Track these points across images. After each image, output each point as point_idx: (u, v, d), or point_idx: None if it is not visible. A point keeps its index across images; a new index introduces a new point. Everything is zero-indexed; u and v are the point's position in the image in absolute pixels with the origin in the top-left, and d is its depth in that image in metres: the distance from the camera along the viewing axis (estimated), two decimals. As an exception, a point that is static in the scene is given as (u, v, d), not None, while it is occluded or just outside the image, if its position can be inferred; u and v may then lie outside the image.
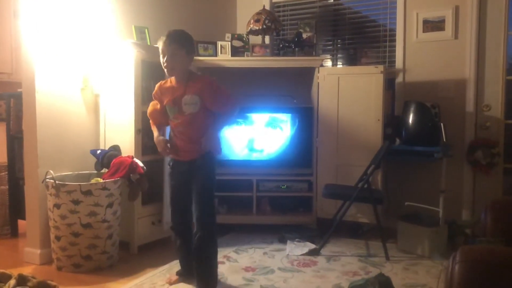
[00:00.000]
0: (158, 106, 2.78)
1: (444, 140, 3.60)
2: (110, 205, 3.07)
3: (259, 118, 4.08)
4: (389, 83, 4.20)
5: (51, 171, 3.04)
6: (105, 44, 3.55)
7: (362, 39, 4.62)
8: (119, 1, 3.73)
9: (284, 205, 4.14)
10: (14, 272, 2.51)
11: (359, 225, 3.98)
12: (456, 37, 4.01)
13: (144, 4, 3.97)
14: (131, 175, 3.22)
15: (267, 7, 4.71)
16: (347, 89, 3.95)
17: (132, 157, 3.29)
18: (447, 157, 3.60)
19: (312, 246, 3.51)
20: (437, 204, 3.53)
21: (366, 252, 3.52)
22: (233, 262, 3.25)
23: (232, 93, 2.77)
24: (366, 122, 3.90)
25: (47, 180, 3.04)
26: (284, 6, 4.97)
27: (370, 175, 3.52)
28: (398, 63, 4.29)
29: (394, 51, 4.35)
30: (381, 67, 3.88)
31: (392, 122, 4.09)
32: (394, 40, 4.34)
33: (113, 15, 3.69)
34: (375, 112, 3.87)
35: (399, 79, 4.28)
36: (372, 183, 3.66)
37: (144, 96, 3.49)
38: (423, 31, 4.14)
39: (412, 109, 3.87)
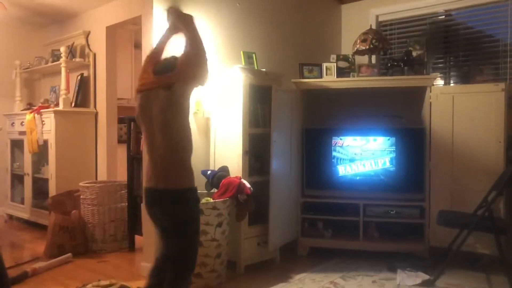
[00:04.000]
0: None
1: None
2: (219, 225, 3.16)
3: (367, 139, 3.96)
4: (511, 101, 3.85)
5: (166, 190, 3.21)
6: (216, 69, 3.71)
7: (478, 56, 4.33)
8: (229, 29, 3.90)
9: (393, 232, 3.93)
10: (133, 285, 2.66)
11: (478, 256, 3.64)
12: None
13: (252, 30, 4.10)
14: (238, 195, 3.29)
15: (374, 27, 4.62)
16: (463, 109, 3.69)
17: (240, 178, 3.37)
18: None
19: (426, 276, 3.28)
20: None
21: (487, 287, 3.21)
22: (340, 289, 3.15)
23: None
24: (485, 144, 3.60)
25: (163, 198, 3.21)
26: (391, 24, 4.84)
27: (492, 202, 3.22)
28: (521, 80, 3.93)
29: (515, 66, 4.00)
30: (502, 85, 3.58)
31: (516, 144, 3.73)
32: (516, 55, 4.00)
33: (223, 42, 3.86)
34: (496, 133, 3.56)
35: (523, 97, 3.90)
36: (494, 211, 3.34)
37: (251, 118, 3.58)
38: (551, 44, 3.76)
39: (540, 130, 3.50)
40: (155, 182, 2.16)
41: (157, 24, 3.39)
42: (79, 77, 5.02)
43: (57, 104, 4.95)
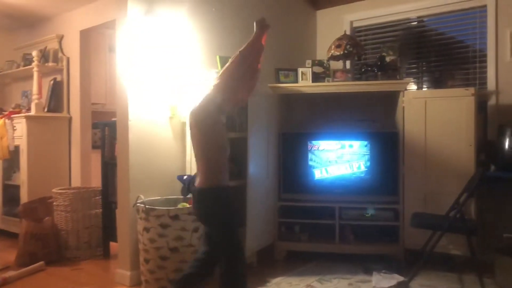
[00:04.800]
0: None
1: (548, 166, 3.30)
2: (195, 230, 3.14)
3: (342, 143, 4.00)
4: (481, 106, 3.95)
5: (142, 196, 3.19)
6: (192, 74, 3.71)
7: (449, 61, 4.43)
8: (204, 33, 3.90)
9: (368, 234, 3.98)
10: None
11: (451, 257, 3.72)
12: (556, 55, 3.71)
13: (228, 34, 4.11)
14: (215, 200, 3.27)
15: (348, 32, 4.69)
16: (435, 113, 3.77)
17: (217, 183, 3.35)
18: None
19: (400, 278, 3.33)
20: (542, 237, 3.22)
21: (460, 287, 3.27)
22: (317, 292, 3.16)
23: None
24: (457, 148, 3.68)
25: (138, 204, 3.19)
26: (365, 30, 4.92)
27: (463, 204, 3.29)
28: (490, 85, 4.05)
29: (485, 72, 4.12)
30: (472, 89, 3.67)
31: (485, 147, 3.83)
32: (484, 61, 4.13)
33: (200, 46, 3.86)
34: (467, 137, 3.65)
35: (492, 101, 4.02)
36: (465, 213, 3.42)
37: (228, 123, 3.56)
38: (518, 50, 3.88)
39: (508, 133, 3.61)
40: None
41: (131, 29, 3.36)
42: (52, 82, 4.93)
43: (29, 109, 4.84)
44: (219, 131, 2.57)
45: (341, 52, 4.11)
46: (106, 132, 4.12)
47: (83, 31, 4.76)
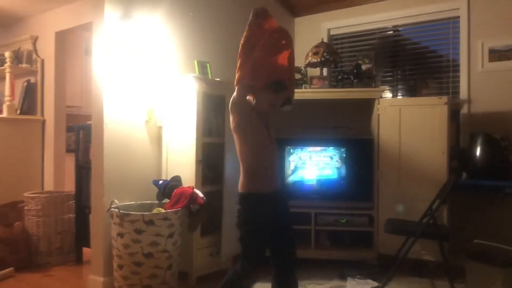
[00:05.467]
0: None
1: (517, 174, 3.39)
2: (170, 235, 3.11)
3: (318, 150, 4.03)
4: (453, 114, 4.04)
5: (116, 201, 3.14)
6: (168, 78, 3.69)
7: (423, 70, 4.53)
8: (182, 38, 3.89)
9: (343, 240, 4.02)
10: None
11: (424, 263, 3.78)
12: (526, 66, 3.82)
13: (206, 39, 4.11)
14: (191, 205, 3.26)
15: (325, 40, 4.74)
16: (409, 121, 3.84)
17: (193, 188, 3.34)
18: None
19: (374, 284, 3.37)
20: (510, 242, 3.29)
21: (432, 293, 3.33)
22: (292, 298, 3.16)
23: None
24: (430, 155, 3.75)
25: (112, 209, 3.14)
26: (342, 38, 4.98)
27: (436, 210, 3.36)
28: (463, 94, 4.14)
29: (458, 81, 4.22)
30: (445, 98, 3.75)
31: (458, 155, 3.92)
32: (457, 71, 4.22)
33: (177, 51, 3.84)
34: (440, 145, 3.73)
35: (464, 110, 4.12)
36: (438, 219, 3.47)
37: (205, 127, 3.57)
38: (490, 61, 3.99)
39: (479, 141, 3.70)
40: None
41: (108, 32, 3.33)
42: (25, 84, 4.82)
43: (0, 111, 4.73)
44: (250, 132, 2.36)
45: (318, 59, 4.16)
46: (81, 136, 4.05)
47: (58, 33, 4.69)
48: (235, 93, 2.40)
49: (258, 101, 2.38)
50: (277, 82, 2.40)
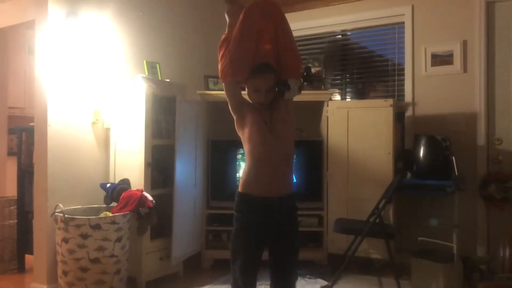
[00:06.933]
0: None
1: (456, 173, 3.55)
2: (119, 240, 3.03)
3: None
4: (399, 116, 4.19)
5: (60, 205, 3.03)
6: (116, 78, 3.61)
7: (371, 73, 4.66)
8: (131, 37, 3.82)
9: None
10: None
11: (371, 261, 3.89)
12: (465, 70, 4.01)
13: (156, 40, 4.05)
14: (140, 209, 3.20)
15: (276, 43, 4.78)
16: (357, 123, 3.95)
17: (142, 191, 3.28)
18: (460, 191, 3.54)
19: (324, 283, 3.43)
20: (451, 239, 3.45)
21: (379, 289, 3.43)
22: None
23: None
24: (377, 156, 3.87)
25: (56, 213, 3.02)
26: (292, 41, 5.03)
27: (381, 210, 3.46)
28: (407, 97, 4.30)
29: (403, 85, 4.37)
30: (390, 101, 3.88)
31: (403, 155, 4.06)
32: (402, 74, 4.37)
33: (125, 51, 3.76)
34: (386, 146, 3.85)
35: (409, 112, 4.27)
36: (384, 218, 3.59)
37: (154, 129, 3.51)
38: (432, 65, 4.16)
39: (422, 142, 3.85)
40: None
41: (52, 30, 3.21)
42: (-38, 83, 4.58)
43: None
44: (247, 132, 2.17)
45: (269, 62, 4.18)
46: (24, 138, 3.89)
47: (-1, 30, 4.47)
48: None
49: (248, 95, 2.21)
50: (255, 67, 2.13)
